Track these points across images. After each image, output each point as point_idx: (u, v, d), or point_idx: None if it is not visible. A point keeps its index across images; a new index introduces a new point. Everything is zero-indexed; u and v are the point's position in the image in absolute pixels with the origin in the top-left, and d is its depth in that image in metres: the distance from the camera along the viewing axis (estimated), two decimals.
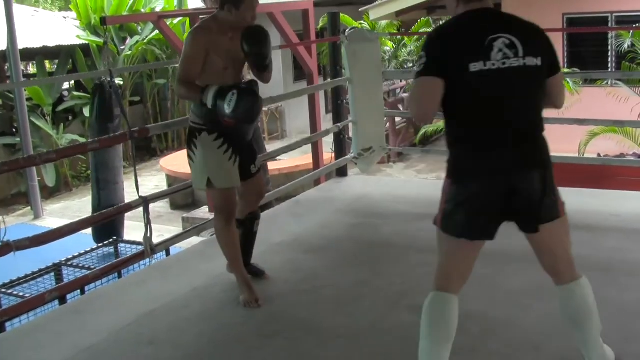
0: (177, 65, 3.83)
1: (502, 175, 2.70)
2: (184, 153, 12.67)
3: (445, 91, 2.65)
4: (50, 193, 13.88)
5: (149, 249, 4.33)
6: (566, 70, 11.62)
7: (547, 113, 2.90)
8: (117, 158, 7.94)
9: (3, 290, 5.95)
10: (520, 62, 2.64)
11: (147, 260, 4.58)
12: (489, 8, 2.78)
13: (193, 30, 3.84)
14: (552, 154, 2.84)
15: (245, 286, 3.95)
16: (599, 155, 10.41)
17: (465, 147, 2.80)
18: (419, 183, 9.12)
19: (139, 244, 6.11)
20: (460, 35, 2.73)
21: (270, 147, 10.99)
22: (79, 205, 13.09)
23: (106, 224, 6.34)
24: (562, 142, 9.96)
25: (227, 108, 3.60)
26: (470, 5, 2.76)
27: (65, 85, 15.75)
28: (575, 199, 5.48)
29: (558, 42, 12.95)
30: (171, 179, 12.26)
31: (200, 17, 10.73)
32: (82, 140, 14.04)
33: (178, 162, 12.83)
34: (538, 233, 2.83)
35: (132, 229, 8.02)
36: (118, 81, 14.95)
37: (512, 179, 2.70)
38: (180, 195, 11.80)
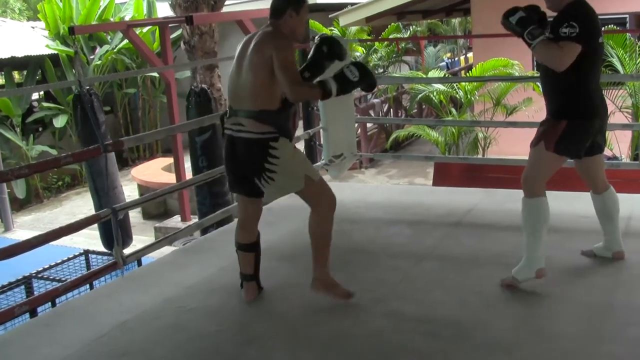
0: (147, 74, 3.83)
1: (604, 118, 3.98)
2: (155, 162, 12.59)
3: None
4: (20, 205, 13.75)
5: (121, 260, 4.30)
6: (535, 73, 11.74)
7: (518, 117, 2.98)
8: (111, 164, 7.87)
9: None
10: None
11: (119, 271, 4.56)
12: None
13: (284, 38, 3.74)
14: (517, 157, 3.06)
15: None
16: None
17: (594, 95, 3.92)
18: (390, 188, 9.14)
19: (110, 254, 6.07)
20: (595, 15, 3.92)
21: None
22: (50, 216, 12.99)
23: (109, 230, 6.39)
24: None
25: (356, 77, 3.71)
26: None
27: (35, 96, 15.62)
28: None
29: (527, 46, 13.03)
30: (143, 188, 12.19)
31: (170, 25, 10.73)
32: (52, 151, 13.95)
33: (150, 171, 12.78)
34: (591, 158, 4.05)
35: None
36: None
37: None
38: (152, 204, 11.76)
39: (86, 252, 7.11)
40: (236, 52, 3.83)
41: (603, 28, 11.85)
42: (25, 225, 12.54)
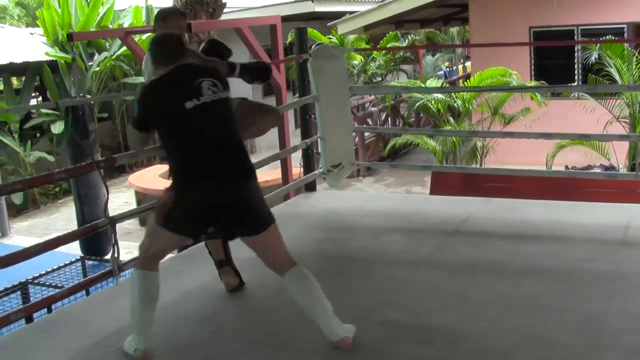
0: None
1: None
2: (152, 169, 12.58)
3: None
4: (17, 211, 13.74)
5: (116, 268, 4.30)
6: (533, 83, 11.78)
7: (516, 126, 2.96)
8: (96, 173, 7.86)
9: None
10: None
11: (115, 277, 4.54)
12: None
13: None
14: (521, 166, 2.92)
15: None
16: (566, 167, 10.55)
17: None
18: (387, 197, 9.15)
19: (107, 261, 6.05)
20: None
21: None
22: (47, 222, 12.98)
23: (92, 238, 6.39)
24: (530, 154, 10.12)
25: None
26: None
27: (33, 102, 15.64)
28: (542, 211, 5.57)
29: (525, 55, 13.10)
30: (140, 195, 12.19)
31: None
32: (49, 157, 13.96)
33: (147, 178, 12.77)
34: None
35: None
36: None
37: None
38: (149, 212, 11.71)
39: (82, 258, 7.11)
40: None
41: (602, 38, 11.93)
42: (22, 231, 12.53)
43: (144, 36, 14.42)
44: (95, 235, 6.99)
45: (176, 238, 3.61)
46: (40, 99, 16.10)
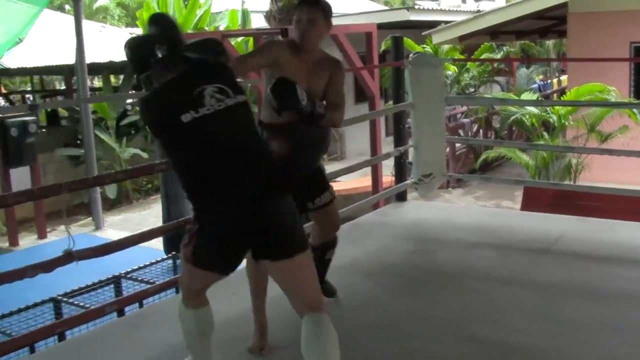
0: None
1: None
2: None
3: None
4: (111, 205, 14.11)
5: None
6: (633, 100, 11.45)
7: (613, 144, 2.83)
8: None
9: (64, 299, 6.06)
10: None
11: None
12: None
13: None
14: (610, 184, 2.72)
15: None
16: None
17: None
18: (478, 210, 9.03)
19: None
20: None
21: (329, 168, 11.01)
22: (139, 217, 13.29)
23: (176, 237, 6.50)
24: (627, 172, 9.83)
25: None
26: None
27: (129, 100, 16.05)
28: (638, 234, 5.40)
29: (625, 71, 12.74)
30: None
31: (264, 37, 10.89)
32: (143, 154, 14.30)
33: None
34: None
35: None
36: None
37: None
38: None
39: (174, 257, 7.25)
40: None
41: None
42: (115, 225, 12.85)
43: (239, 39, 14.67)
44: (178, 235, 7.25)
45: (213, 274, 3.06)
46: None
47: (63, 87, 19.01)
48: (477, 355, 3.58)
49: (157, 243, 7.58)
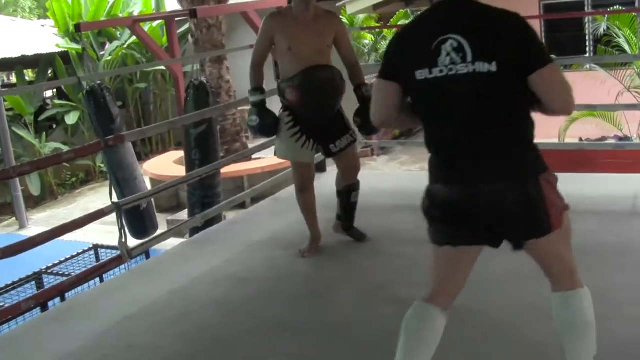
0: (157, 68, 3.92)
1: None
2: (167, 156, 12.62)
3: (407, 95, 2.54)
4: (36, 202, 13.85)
5: (126, 253, 4.35)
6: None
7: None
8: (129, 155, 7.87)
9: None
10: (470, 69, 2.36)
11: (127, 264, 4.61)
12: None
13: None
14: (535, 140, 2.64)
15: (311, 240, 4.59)
16: (580, 139, 10.47)
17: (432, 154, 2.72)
18: (399, 175, 9.14)
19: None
20: (414, 35, 2.53)
21: (252, 146, 10.98)
22: (65, 213, 13.06)
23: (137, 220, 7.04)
24: (542, 127, 10.05)
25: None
26: None
27: (47, 94, 15.73)
28: None
29: (535, 29, 12.97)
30: (155, 182, 12.23)
31: (176, 19, 10.77)
32: (65, 148, 14.04)
33: (161, 165, 12.83)
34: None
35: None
36: None
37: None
38: (165, 198, 11.80)
39: (95, 247, 7.16)
40: None
41: (609, 9, 11.79)
42: (41, 222, 12.61)
43: (155, 24, 14.46)
44: (139, 218, 7.28)
45: (455, 253, 2.65)
46: (54, 90, 16.15)
47: None
48: (402, 316, 3.64)
49: (82, 235, 7.49)
